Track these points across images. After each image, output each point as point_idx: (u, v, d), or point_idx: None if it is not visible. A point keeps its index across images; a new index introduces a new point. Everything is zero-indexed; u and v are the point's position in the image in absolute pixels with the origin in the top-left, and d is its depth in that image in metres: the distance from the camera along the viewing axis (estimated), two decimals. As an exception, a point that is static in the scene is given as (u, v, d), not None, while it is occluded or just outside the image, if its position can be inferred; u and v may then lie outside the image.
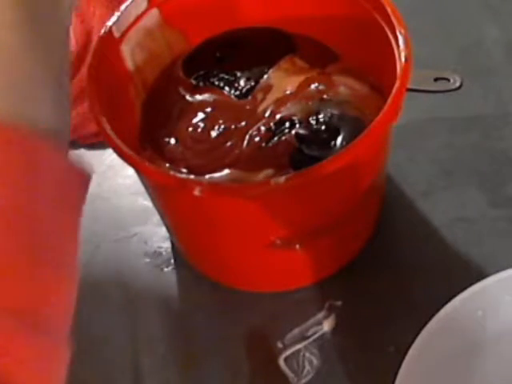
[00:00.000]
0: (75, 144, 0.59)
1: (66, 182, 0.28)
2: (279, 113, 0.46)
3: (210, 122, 0.47)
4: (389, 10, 0.42)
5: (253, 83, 0.48)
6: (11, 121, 0.25)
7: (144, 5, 0.46)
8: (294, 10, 0.48)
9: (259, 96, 0.48)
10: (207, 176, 0.43)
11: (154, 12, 0.46)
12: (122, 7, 0.45)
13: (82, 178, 0.29)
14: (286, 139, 0.44)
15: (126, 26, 0.45)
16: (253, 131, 0.45)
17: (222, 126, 0.46)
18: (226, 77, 0.49)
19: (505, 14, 0.62)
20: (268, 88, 0.48)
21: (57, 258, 0.27)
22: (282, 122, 0.45)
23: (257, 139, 0.45)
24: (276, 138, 0.45)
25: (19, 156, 0.25)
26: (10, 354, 0.24)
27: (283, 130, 0.45)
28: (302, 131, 0.44)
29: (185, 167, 0.45)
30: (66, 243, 0.28)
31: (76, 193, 0.29)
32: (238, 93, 0.48)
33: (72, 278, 0.28)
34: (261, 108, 0.47)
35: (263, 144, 0.44)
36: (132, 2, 0.45)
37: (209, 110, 0.47)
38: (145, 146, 0.46)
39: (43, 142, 0.26)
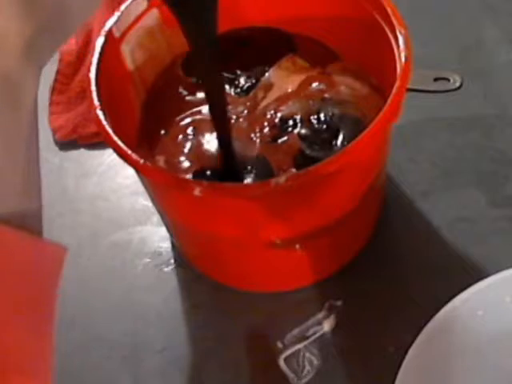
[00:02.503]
0: (75, 144, 0.59)
1: (38, 264, 0.27)
2: (280, 111, 0.46)
3: (209, 118, 0.47)
4: (389, 10, 0.42)
5: (253, 81, 0.48)
6: None
7: (144, 5, 0.46)
8: (294, 10, 0.49)
9: (260, 94, 0.48)
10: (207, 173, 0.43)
11: (154, 12, 0.46)
12: (122, 7, 0.45)
13: (58, 255, 0.28)
14: (289, 139, 0.44)
15: (125, 26, 0.45)
16: (257, 128, 0.45)
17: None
18: (226, 75, 0.49)
19: (505, 14, 0.62)
20: (269, 86, 0.48)
21: (28, 354, 0.26)
22: (284, 120, 0.45)
23: (262, 136, 0.45)
24: (281, 139, 0.45)
25: None
26: None
27: (287, 128, 0.45)
28: (303, 131, 0.44)
29: (181, 163, 0.45)
30: (37, 334, 0.27)
31: (50, 271, 0.28)
32: (238, 90, 0.48)
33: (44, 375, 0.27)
34: (261, 106, 0.47)
35: (269, 141, 0.45)
36: (132, 2, 0.45)
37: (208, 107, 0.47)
38: (142, 144, 0.46)
39: (8, 227, 0.25)
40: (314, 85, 0.47)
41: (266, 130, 0.45)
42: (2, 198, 0.25)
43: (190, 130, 0.47)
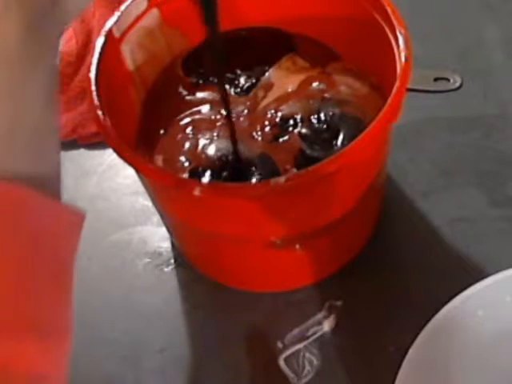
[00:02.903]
0: (75, 144, 0.59)
1: (57, 228, 0.27)
2: (281, 111, 0.46)
3: (208, 118, 0.47)
4: (389, 10, 0.42)
5: (253, 81, 0.48)
6: None
7: (144, 5, 0.46)
8: (294, 10, 0.49)
9: (260, 93, 0.48)
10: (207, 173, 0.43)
11: (154, 12, 0.46)
12: (122, 7, 0.45)
13: (76, 219, 0.28)
14: (290, 138, 0.44)
15: (126, 26, 0.45)
16: (258, 127, 0.45)
17: (221, 122, 0.46)
18: (226, 74, 0.49)
19: (505, 14, 0.62)
20: (269, 86, 0.48)
21: (50, 313, 0.27)
22: (285, 120, 0.45)
23: (263, 135, 0.45)
24: (281, 138, 0.45)
25: (5, 205, 0.24)
26: None
27: (287, 128, 0.45)
28: (304, 130, 0.44)
29: (180, 162, 0.45)
30: (59, 294, 0.27)
31: (69, 235, 0.28)
32: (238, 90, 0.48)
33: (66, 333, 0.28)
34: (262, 105, 0.47)
35: (271, 140, 0.45)
36: (132, 1, 0.45)
37: (208, 106, 0.47)
38: (141, 143, 0.46)
39: (29, 190, 0.25)
40: (314, 84, 0.47)
41: (267, 129, 0.45)
42: (16, 157, 0.25)
43: (189, 130, 0.47)
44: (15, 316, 0.25)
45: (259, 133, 0.45)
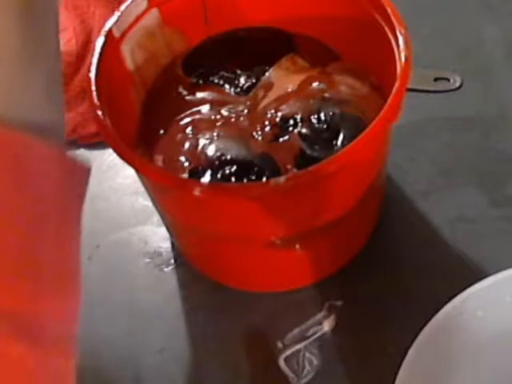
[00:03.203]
0: (75, 144, 0.59)
1: (64, 176, 0.27)
2: (281, 110, 0.46)
3: (208, 118, 0.47)
4: (389, 10, 0.42)
5: (254, 81, 0.48)
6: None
7: (144, 5, 0.46)
8: (294, 10, 0.49)
9: (260, 93, 0.48)
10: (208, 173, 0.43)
11: (154, 12, 0.46)
12: (122, 7, 0.45)
13: (82, 170, 0.28)
14: (290, 138, 0.44)
15: (126, 26, 0.45)
16: (258, 127, 0.45)
17: (221, 122, 0.46)
18: (226, 74, 0.49)
19: (505, 14, 0.62)
20: (269, 86, 0.48)
21: (58, 261, 0.26)
22: (285, 119, 0.45)
23: (264, 135, 0.45)
24: (282, 138, 0.45)
25: (8, 152, 0.24)
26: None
27: (288, 127, 0.45)
28: (304, 130, 0.44)
29: (180, 162, 0.45)
30: (66, 244, 0.27)
31: (76, 184, 0.28)
32: (238, 90, 0.48)
33: (75, 282, 0.28)
34: (262, 105, 0.47)
35: (271, 140, 0.45)
36: (132, 1, 0.45)
37: (208, 106, 0.47)
38: (141, 143, 0.46)
39: (35, 137, 0.25)
40: (315, 84, 0.47)
41: (267, 128, 0.45)
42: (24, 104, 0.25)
43: (189, 130, 0.47)
44: (17, 260, 0.25)
45: (259, 132, 0.45)
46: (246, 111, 0.47)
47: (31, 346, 0.24)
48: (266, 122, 0.46)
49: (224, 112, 0.47)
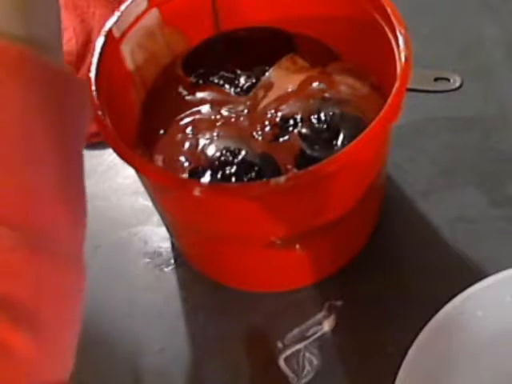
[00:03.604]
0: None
1: (63, 87, 0.27)
2: (281, 110, 0.46)
3: (208, 118, 0.47)
4: (389, 10, 0.42)
5: (254, 81, 0.48)
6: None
7: (144, 5, 0.46)
8: (294, 10, 0.49)
9: (260, 93, 0.48)
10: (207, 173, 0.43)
11: (154, 12, 0.46)
12: (122, 7, 0.45)
13: (79, 83, 0.28)
14: (290, 138, 0.44)
15: (126, 26, 0.45)
16: (258, 127, 0.45)
17: (221, 122, 0.46)
18: (226, 74, 0.49)
19: (505, 14, 0.62)
20: (269, 86, 0.48)
21: (62, 173, 0.27)
22: (285, 119, 0.45)
23: (264, 134, 0.45)
24: (282, 138, 0.45)
25: (9, 64, 0.25)
26: (9, 272, 0.23)
27: (288, 127, 0.45)
28: (304, 130, 0.44)
29: (180, 162, 0.45)
30: (70, 158, 0.27)
31: (75, 95, 0.28)
32: (238, 90, 0.48)
33: (79, 195, 0.28)
34: (262, 105, 0.47)
35: (271, 140, 0.45)
36: (132, 1, 0.45)
37: (208, 106, 0.47)
38: (141, 143, 0.46)
39: (31, 49, 0.26)
40: (315, 84, 0.47)
41: (268, 128, 0.45)
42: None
43: (189, 130, 0.47)
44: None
45: (259, 132, 0.45)
46: (245, 111, 0.47)
47: (32, 333, 0.24)
48: (266, 122, 0.46)
49: (224, 112, 0.47)
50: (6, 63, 0.25)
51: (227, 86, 0.49)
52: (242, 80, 0.49)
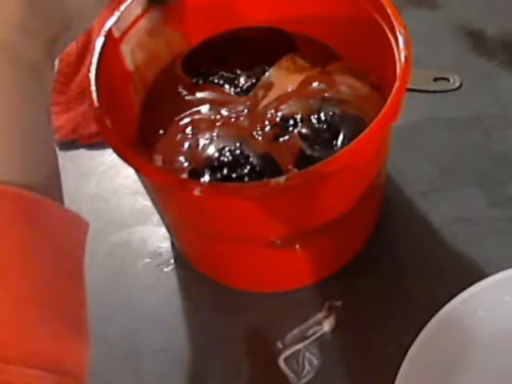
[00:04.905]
0: (75, 144, 0.59)
1: (66, 230, 0.29)
2: (281, 110, 0.46)
3: (208, 118, 0.47)
4: (389, 10, 0.42)
5: (253, 80, 0.48)
6: (1, 177, 0.26)
7: (144, 5, 0.46)
8: (294, 10, 0.49)
9: (260, 93, 0.48)
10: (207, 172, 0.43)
11: (154, 12, 0.46)
12: (122, 7, 0.45)
13: (81, 224, 0.30)
14: (290, 138, 0.44)
15: (125, 26, 0.45)
16: (258, 127, 0.45)
17: (221, 122, 0.46)
18: (226, 74, 0.49)
19: (504, 14, 0.62)
20: (269, 85, 0.48)
21: (71, 308, 0.28)
22: (285, 119, 0.45)
23: (264, 134, 0.45)
24: (282, 138, 0.45)
25: (15, 210, 0.26)
26: None
27: (288, 127, 0.45)
28: (304, 130, 0.44)
29: (179, 163, 0.45)
30: (76, 291, 0.29)
31: (76, 239, 0.29)
32: (238, 90, 0.48)
33: (85, 334, 0.30)
34: (262, 105, 0.47)
35: (271, 140, 0.45)
36: (132, 1, 0.45)
37: (207, 106, 0.47)
38: (141, 143, 0.46)
39: (36, 194, 0.27)
40: (315, 84, 0.47)
41: (268, 128, 0.45)
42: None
43: (188, 130, 0.47)
44: (43, 309, 0.26)
45: (259, 132, 0.45)
46: (246, 111, 0.47)
47: None
48: (266, 122, 0.46)
49: (224, 112, 0.47)
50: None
51: (227, 86, 0.49)
52: (242, 80, 0.49)
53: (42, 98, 0.29)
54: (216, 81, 0.49)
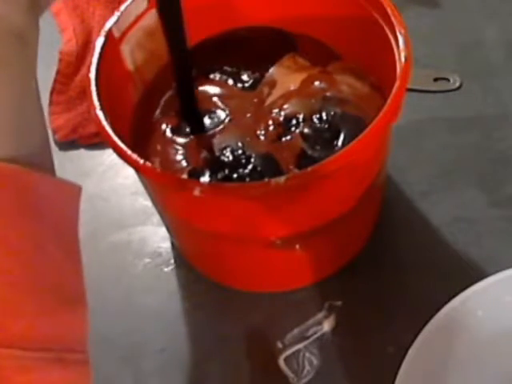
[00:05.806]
0: (75, 144, 0.59)
1: (58, 201, 0.29)
2: (284, 110, 0.46)
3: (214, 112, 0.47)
4: (389, 10, 0.42)
5: (257, 76, 0.48)
6: None
7: (144, 5, 0.46)
8: (294, 10, 0.49)
9: (265, 90, 0.48)
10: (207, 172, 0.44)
11: (154, 12, 0.46)
12: (122, 7, 0.45)
13: (73, 190, 0.30)
14: (292, 138, 0.44)
15: (125, 26, 0.45)
16: (262, 126, 0.45)
17: (228, 118, 0.46)
18: (229, 69, 0.49)
19: (504, 14, 0.62)
20: (273, 83, 0.48)
21: (63, 278, 0.28)
22: (288, 119, 0.45)
23: (267, 134, 0.45)
24: (284, 138, 0.45)
25: (10, 186, 0.26)
26: None
27: (290, 127, 0.45)
28: (306, 130, 0.44)
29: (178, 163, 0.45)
30: (69, 264, 0.29)
31: (70, 207, 0.29)
32: (241, 85, 0.48)
33: (82, 305, 0.29)
34: (267, 102, 0.47)
35: (274, 139, 0.45)
36: (132, 2, 0.45)
37: (215, 99, 0.47)
38: (141, 144, 0.46)
39: (28, 168, 0.27)
40: (316, 83, 0.47)
41: (271, 128, 0.45)
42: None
43: (188, 130, 0.46)
44: (37, 284, 0.26)
45: (263, 132, 0.45)
46: (252, 108, 0.47)
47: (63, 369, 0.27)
48: (270, 122, 0.46)
49: (229, 105, 0.47)
50: None
51: (231, 81, 0.48)
52: (245, 77, 0.49)
53: (28, 65, 0.28)
54: (218, 78, 0.49)
